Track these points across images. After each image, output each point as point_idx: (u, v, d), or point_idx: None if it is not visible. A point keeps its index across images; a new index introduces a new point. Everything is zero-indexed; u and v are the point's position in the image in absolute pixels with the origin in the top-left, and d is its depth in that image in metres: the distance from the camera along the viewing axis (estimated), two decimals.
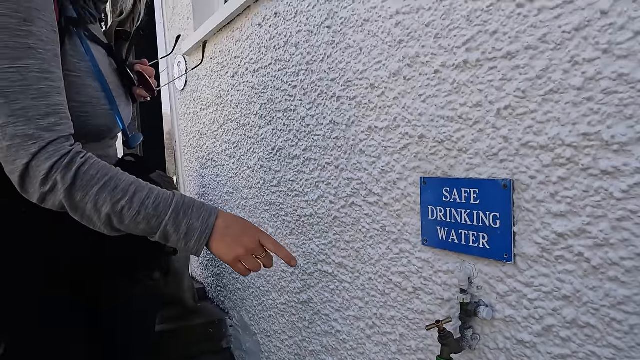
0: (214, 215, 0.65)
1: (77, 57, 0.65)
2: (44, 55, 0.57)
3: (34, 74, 0.55)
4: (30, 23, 0.55)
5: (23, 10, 0.54)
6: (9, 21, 0.53)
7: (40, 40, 0.56)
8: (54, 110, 0.57)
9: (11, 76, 0.54)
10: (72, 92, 0.63)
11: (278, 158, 1.21)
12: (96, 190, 0.58)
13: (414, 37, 0.74)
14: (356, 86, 0.88)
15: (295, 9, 1.05)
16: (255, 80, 1.28)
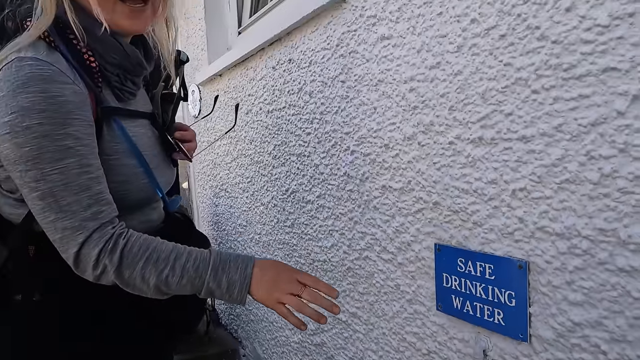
0: (250, 264, 0.68)
1: (114, 141, 0.69)
2: (82, 151, 0.61)
3: (74, 171, 0.60)
4: (67, 126, 0.59)
5: (60, 116, 0.59)
6: (48, 128, 0.58)
7: (77, 138, 0.60)
8: (95, 200, 0.62)
9: (55, 177, 0.59)
10: (112, 173, 0.67)
11: (292, 200, 1.22)
12: (141, 265, 0.63)
13: (429, 105, 0.75)
14: (370, 143, 0.89)
15: (310, 58, 1.06)
16: (269, 121, 1.29)
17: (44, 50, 0.61)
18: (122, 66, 0.69)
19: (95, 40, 0.66)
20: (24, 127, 0.56)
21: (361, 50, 0.89)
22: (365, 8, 0.86)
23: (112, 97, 0.71)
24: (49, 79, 0.58)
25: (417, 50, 0.76)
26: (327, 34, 0.98)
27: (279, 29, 1.14)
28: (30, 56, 0.59)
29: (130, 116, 0.74)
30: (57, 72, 0.59)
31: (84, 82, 0.64)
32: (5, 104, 0.57)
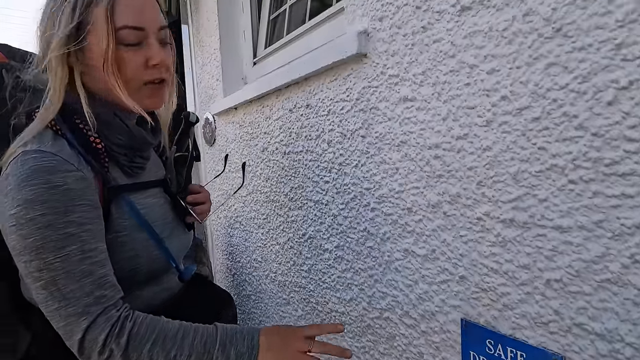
0: (257, 335, 0.70)
1: (122, 218, 0.71)
2: (84, 237, 0.62)
3: (76, 257, 0.61)
4: (70, 213, 0.61)
5: (62, 205, 0.60)
6: (51, 218, 0.59)
7: (79, 224, 0.62)
8: (98, 284, 0.63)
9: (57, 265, 0.60)
10: (122, 249, 0.69)
11: (309, 245, 1.20)
12: (149, 347, 0.63)
13: (455, 176, 0.72)
14: (392, 204, 0.86)
15: (328, 107, 1.04)
16: (285, 162, 1.28)
17: (49, 139, 0.65)
18: (129, 146, 0.73)
19: (101, 124, 0.69)
20: (27, 219, 0.58)
21: (382, 108, 0.86)
22: (387, 66, 0.84)
23: (120, 174, 0.74)
24: (52, 169, 0.60)
25: (442, 117, 0.73)
26: (347, 86, 0.96)
27: (296, 74, 1.12)
28: (35, 149, 0.62)
29: (140, 189, 0.76)
30: (60, 162, 0.62)
31: (89, 166, 0.67)
32: (12, 198, 0.59)
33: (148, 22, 0.69)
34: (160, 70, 0.71)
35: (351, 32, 0.90)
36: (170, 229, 0.80)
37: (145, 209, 0.75)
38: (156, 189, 0.81)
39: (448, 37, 0.70)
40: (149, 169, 0.80)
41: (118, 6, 0.66)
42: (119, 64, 0.67)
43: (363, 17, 0.89)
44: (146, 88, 0.70)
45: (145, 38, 0.69)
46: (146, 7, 0.69)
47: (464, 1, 0.67)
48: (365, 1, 0.88)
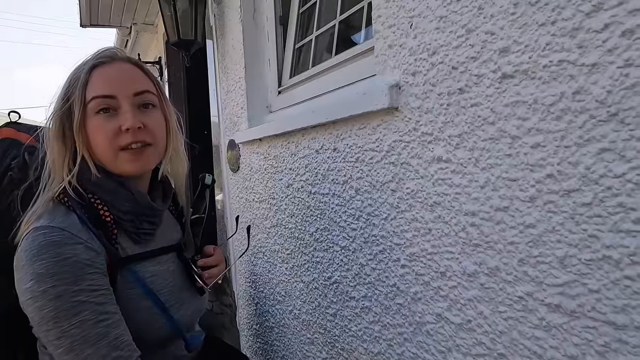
0: None
1: (128, 287, 0.72)
2: (95, 302, 0.65)
3: (90, 323, 0.63)
4: (80, 282, 0.64)
5: (72, 275, 0.63)
6: (62, 289, 0.62)
7: (91, 291, 0.64)
8: (114, 345, 0.65)
9: (73, 332, 0.62)
10: (129, 318, 0.70)
11: (334, 290, 1.17)
12: None
13: (494, 248, 0.68)
14: (424, 265, 0.83)
15: (356, 155, 1.01)
16: (311, 202, 1.25)
17: (60, 215, 0.68)
18: (134, 212, 0.75)
19: (106, 192, 0.73)
20: (41, 291, 0.62)
21: (414, 165, 0.83)
22: (420, 123, 0.81)
23: (129, 242, 0.76)
24: (61, 243, 0.64)
25: (480, 185, 0.69)
26: (377, 137, 0.93)
27: (323, 117, 1.10)
28: (45, 225, 0.66)
29: (149, 256, 0.77)
30: (69, 236, 0.65)
31: (98, 239, 0.69)
32: (25, 272, 0.63)
33: (119, 89, 0.72)
34: (135, 135, 0.72)
35: (382, 83, 0.87)
36: (179, 296, 0.80)
37: (152, 277, 0.76)
38: (167, 256, 0.81)
39: (487, 103, 0.67)
40: (162, 234, 0.82)
41: (91, 79, 0.72)
42: (93, 132, 0.71)
43: (395, 70, 0.86)
44: (125, 153, 0.72)
45: (118, 105, 0.72)
46: (121, 76, 0.73)
47: (506, 68, 0.63)
48: (397, 53, 0.85)
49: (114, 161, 0.72)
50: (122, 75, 0.73)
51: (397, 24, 0.85)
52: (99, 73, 0.72)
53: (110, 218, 0.72)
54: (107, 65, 0.73)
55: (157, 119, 0.76)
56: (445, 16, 0.73)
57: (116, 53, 0.76)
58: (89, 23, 3.45)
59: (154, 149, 0.75)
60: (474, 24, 0.68)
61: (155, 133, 0.75)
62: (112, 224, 0.72)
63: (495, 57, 0.65)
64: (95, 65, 0.72)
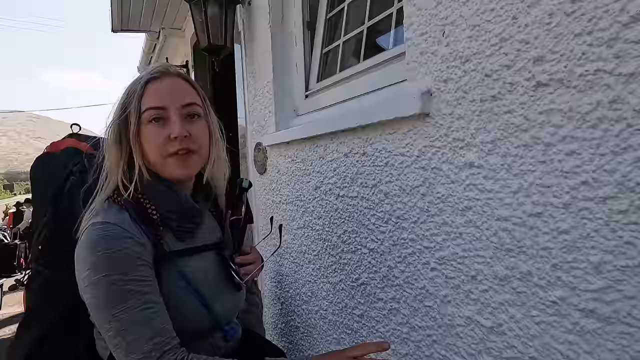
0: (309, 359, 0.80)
1: (172, 279, 0.78)
2: (142, 291, 0.71)
3: (136, 310, 0.70)
4: (129, 272, 0.71)
5: (123, 265, 0.70)
6: (113, 278, 0.69)
7: (138, 281, 0.71)
8: (156, 331, 0.71)
9: (121, 317, 0.69)
10: (171, 311, 0.75)
11: (362, 292, 1.19)
12: None
13: (527, 254, 0.69)
14: (454, 268, 0.84)
15: (386, 159, 1.03)
16: (339, 205, 1.28)
17: (114, 212, 0.76)
18: (178, 212, 0.82)
19: (154, 193, 0.80)
20: (95, 279, 0.69)
21: (445, 170, 0.85)
22: (451, 129, 0.82)
23: (173, 239, 0.82)
24: (114, 237, 0.72)
25: (512, 191, 0.71)
26: (407, 142, 0.95)
27: (353, 122, 1.12)
28: (101, 221, 0.73)
29: (191, 253, 0.83)
30: (121, 231, 0.73)
31: (146, 235, 0.76)
32: (83, 263, 0.71)
33: (169, 101, 0.79)
34: (182, 142, 0.78)
35: (413, 89, 0.89)
36: (218, 291, 0.85)
37: (194, 273, 0.81)
38: (210, 252, 0.87)
39: (521, 110, 0.68)
40: (203, 233, 0.87)
41: (146, 92, 0.80)
42: (146, 139, 0.79)
43: (426, 76, 0.88)
44: (172, 159, 0.79)
45: (168, 115, 0.79)
46: (171, 89, 0.81)
47: (540, 77, 0.64)
48: (428, 60, 0.87)
49: (163, 166, 0.79)
50: (173, 89, 0.81)
51: (429, 31, 0.86)
52: (153, 87, 0.80)
53: (157, 216, 0.79)
54: (159, 80, 0.81)
55: (201, 128, 0.83)
56: (479, 25, 0.74)
57: (168, 69, 0.83)
58: (120, 28, 3.56)
59: (197, 156, 0.82)
60: (508, 33, 0.69)
61: (199, 141, 0.81)
62: (159, 221, 0.79)
63: (529, 65, 0.66)
64: (150, 79, 0.80)
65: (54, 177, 0.94)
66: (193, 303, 0.80)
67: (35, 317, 0.91)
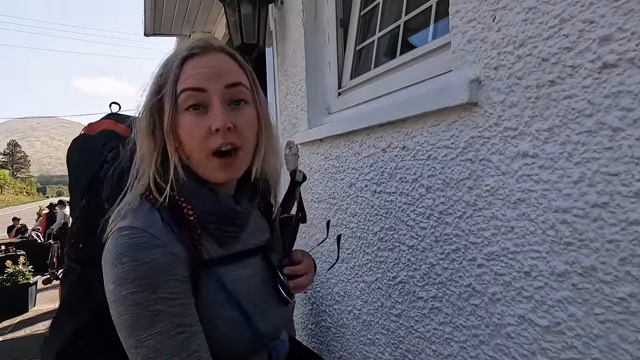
0: None
1: (211, 292, 0.67)
2: (173, 312, 0.60)
3: (167, 334, 0.59)
4: (158, 290, 0.59)
5: (150, 282, 0.59)
6: (140, 296, 0.59)
7: (169, 300, 0.60)
8: (190, 358, 0.60)
9: (149, 343, 0.59)
10: (212, 326, 0.65)
11: (400, 290, 1.16)
12: None
13: (590, 247, 0.65)
14: (504, 264, 0.80)
15: (428, 152, 1.00)
16: (376, 201, 1.25)
17: (144, 213, 0.65)
18: (217, 214, 0.70)
19: (190, 193, 0.68)
20: (121, 296, 0.59)
21: (495, 161, 0.81)
22: (502, 117, 0.79)
23: (213, 244, 0.70)
24: (141, 246, 0.60)
25: (573, 180, 0.66)
26: (452, 133, 0.92)
27: (393, 115, 1.10)
28: (127, 225, 0.62)
29: (234, 260, 0.72)
30: (150, 238, 0.62)
31: (180, 240, 0.65)
32: (109, 274, 0.61)
33: (211, 82, 0.66)
34: (225, 136, 0.66)
35: (461, 78, 0.86)
36: (263, 304, 0.74)
37: (237, 283, 0.71)
38: (253, 259, 0.76)
39: (583, 95, 0.64)
40: (248, 235, 0.76)
41: (183, 72, 0.66)
42: (183, 131, 0.66)
43: (474, 64, 0.85)
44: (215, 159, 0.67)
45: (209, 100, 0.66)
46: (213, 68, 0.67)
47: (607, 57, 0.60)
48: (477, 47, 0.84)
49: (205, 166, 0.68)
50: (214, 67, 0.67)
51: (477, 18, 0.83)
52: (191, 65, 0.67)
53: (194, 218, 0.68)
54: (199, 57, 0.67)
55: (248, 118, 0.70)
56: (535, 7, 0.71)
57: (210, 43, 0.70)
58: (152, 32, 3.64)
59: (242, 153, 0.69)
60: (569, 13, 0.65)
61: (245, 134, 0.69)
62: (196, 223, 0.68)
63: (594, 46, 0.62)
64: (188, 56, 0.67)
65: (88, 163, 0.83)
66: (235, 320, 0.69)
67: (69, 312, 0.83)
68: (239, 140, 0.68)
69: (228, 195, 0.73)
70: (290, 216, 0.84)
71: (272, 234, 0.82)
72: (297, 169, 0.84)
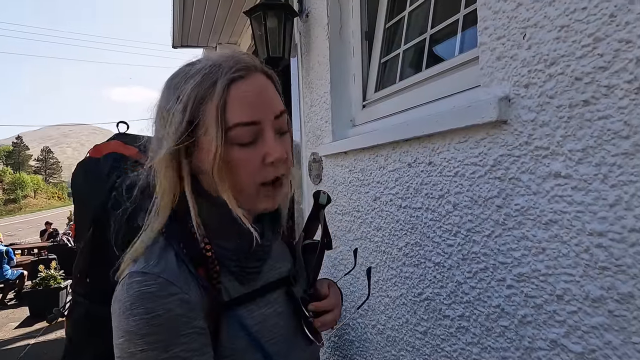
0: None
1: (232, 338, 0.62)
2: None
3: None
4: (172, 347, 0.54)
5: (164, 338, 0.54)
6: (151, 354, 0.53)
7: (183, 358, 0.55)
8: None
9: None
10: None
11: (425, 307, 1.14)
12: None
13: (627, 273, 0.62)
14: (535, 286, 0.78)
15: (455, 169, 0.99)
16: (400, 216, 1.24)
17: (157, 254, 0.59)
18: (238, 250, 0.64)
19: (211, 229, 0.62)
20: (129, 353, 0.54)
21: (526, 180, 0.79)
22: (533, 136, 0.77)
23: (233, 282, 0.65)
24: (153, 295, 0.55)
25: (609, 203, 0.64)
26: (480, 150, 0.91)
27: (419, 131, 1.09)
28: (139, 270, 0.57)
29: (255, 297, 0.66)
30: (163, 285, 0.56)
31: (196, 281, 0.60)
32: (118, 326, 0.55)
33: (263, 113, 0.60)
34: (278, 167, 0.61)
35: (490, 95, 0.85)
36: (288, 345, 0.67)
37: (259, 324, 0.64)
38: (276, 292, 0.70)
39: (619, 116, 0.62)
40: (270, 267, 0.71)
41: (231, 101, 0.58)
42: (232, 167, 0.60)
43: (503, 82, 0.83)
44: (264, 189, 0.62)
45: (261, 132, 0.60)
46: (262, 95, 0.61)
47: None
48: (506, 65, 0.83)
49: (252, 198, 0.62)
50: (262, 94, 0.61)
51: (507, 35, 0.82)
52: (239, 91, 0.58)
53: (211, 253, 0.61)
54: (244, 80, 0.59)
55: (289, 145, 0.65)
56: (568, 25, 0.70)
57: (253, 63, 0.62)
58: (180, 44, 3.74)
59: (286, 180, 0.64)
60: (604, 32, 0.64)
61: (289, 162, 0.64)
62: (214, 259, 0.61)
63: (630, 66, 0.60)
64: (233, 80, 0.58)
65: (94, 190, 0.76)
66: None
67: (75, 351, 0.79)
68: (285, 169, 0.64)
69: (253, 230, 0.62)
70: (315, 242, 0.77)
71: (294, 262, 0.76)
72: (322, 191, 0.78)
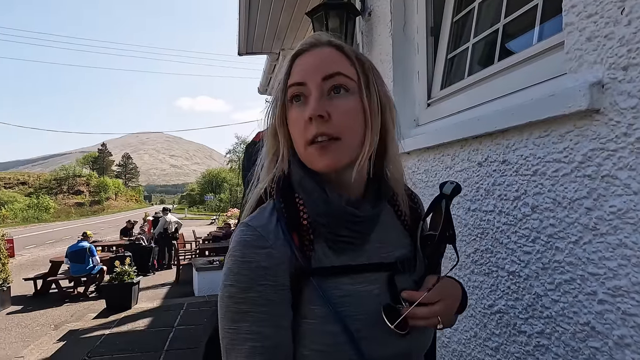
0: None
1: (314, 303, 0.61)
2: (255, 317, 0.59)
3: (242, 335, 0.59)
4: (249, 290, 0.59)
5: (246, 280, 0.60)
6: (234, 290, 0.60)
7: (255, 304, 0.59)
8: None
9: (229, 336, 0.60)
10: (308, 340, 0.61)
11: (497, 320, 1.03)
12: None
13: None
14: (636, 302, 0.67)
15: (534, 167, 0.89)
16: (469, 220, 1.14)
17: (262, 213, 0.66)
18: (328, 215, 0.64)
19: (304, 192, 0.66)
20: (224, 284, 0.62)
21: (623, 178, 0.68)
22: (633, 127, 0.66)
23: (327, 251, 0.64)
24: (248, 244, 0.61)
25: None
26: (565, 145, 0.80)
27: (491, 126, 0.99)
28: (245, 222, 0.65)
29: (349, 272, 0.64)
30: (257, 237, 0.62)
31: (288, 244, 0.62)
32: (225, 262, 0.64)
33: (311, 74, 0.64)
34: (317, 125, 0.62)
35: (578, 82, 0.74)
36: (378, 330, 0.63)
37: (344, 297, 0.62)
38: (378, 274, 0.66)
39: None
40: (378, 247, 0.68)
41: (293, 69, 0.67)
42: (291, 124, 0.67)
43: (595, 65, 0.73)
44: (311, 148, 0.63)
45: (308, 92, 0.64)
46: (315, 61, 0.66)
47: None
48: (598, 45, 0.72)
49: (305, 157, 0.65)
50: (317, 60, 0.66)
51: (599, 12, 0.72)
52: (299, 61, 0.67)
53: (307, 221, 0.64)
54: (306, 53, 0.68)
55: (347, 106, 0.63)
56: None
57: (319, 39, 0.69)
58: (245, 52, 3.86)
59: (342, 144, 0.62)
60: None
61: (342, 124, 0.62)
62: (309, 227, 0.64)
63: None
64: (297, 54, 0.68)
65: (244, 166, 0.96)
66: (336, 340, 0.60)
67: None
68: (333, 129, 0.62)
69: (338, 195, 0.65)
70: (431, 234, 0.72)
71: (414, 251, 0.71)
72: (449, 180, 0.76)
